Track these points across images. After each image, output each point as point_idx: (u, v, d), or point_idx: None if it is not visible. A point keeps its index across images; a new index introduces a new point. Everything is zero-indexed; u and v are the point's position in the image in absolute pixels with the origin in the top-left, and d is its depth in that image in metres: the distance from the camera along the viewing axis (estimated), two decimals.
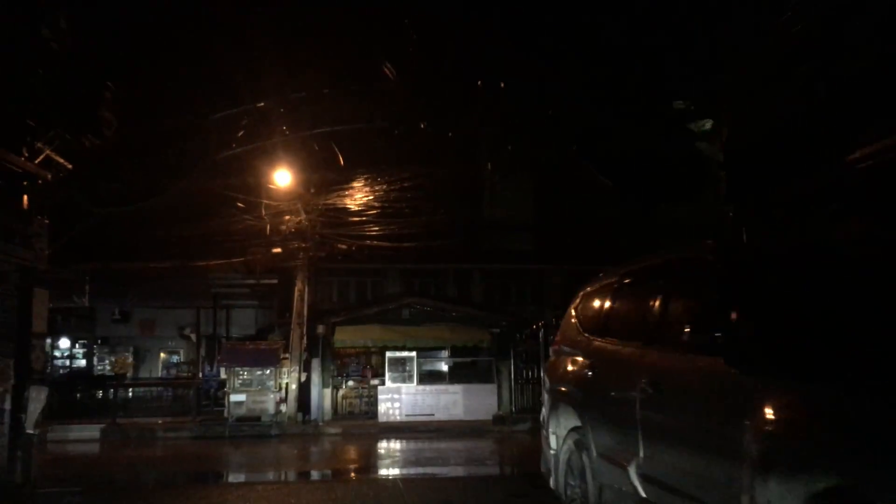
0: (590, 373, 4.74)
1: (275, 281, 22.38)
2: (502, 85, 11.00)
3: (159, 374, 26.74)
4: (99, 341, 26.89)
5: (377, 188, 18.61)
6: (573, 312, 5.69)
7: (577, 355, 5.17)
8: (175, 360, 28.12)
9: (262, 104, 12.55)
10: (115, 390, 19.86)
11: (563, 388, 5.28)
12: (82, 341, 26.12)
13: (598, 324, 5.00)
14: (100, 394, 20.81)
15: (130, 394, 20.32)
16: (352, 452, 16.20)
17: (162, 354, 28.56)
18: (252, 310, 26.58)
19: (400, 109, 12.77)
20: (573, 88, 11.24)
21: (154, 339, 27.05)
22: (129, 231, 19.11)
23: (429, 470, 13.28)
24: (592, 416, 4.57)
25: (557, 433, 5.30)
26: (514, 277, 28.39)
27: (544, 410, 5.84)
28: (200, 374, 21.64)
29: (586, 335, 5.15)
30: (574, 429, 4.98)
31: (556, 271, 28.59)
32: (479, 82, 11.07)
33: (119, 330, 25.75)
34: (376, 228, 18.89)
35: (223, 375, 19.62)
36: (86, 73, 10.97)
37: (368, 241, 19.11)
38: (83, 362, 26.44)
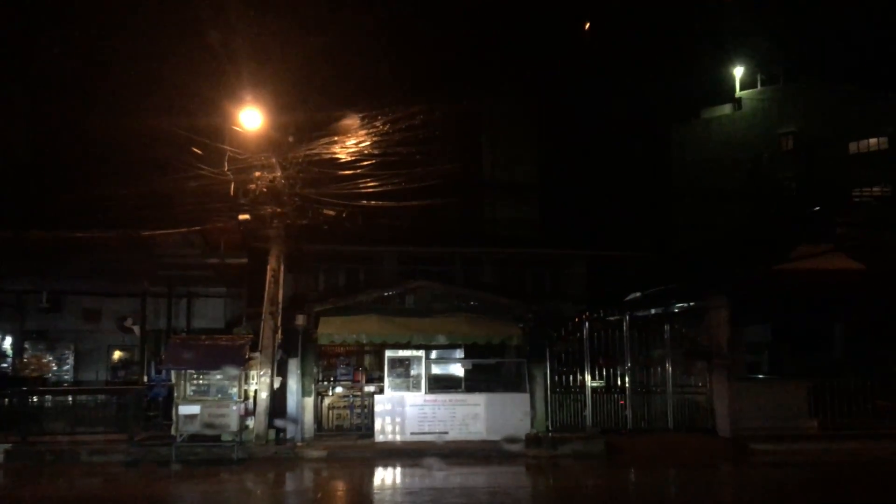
0: None
1: (244, 260, 17.73)
2: None
3: (106, 377, 21.99)
4: (35, 335, 22.05)
5: (371, 132, 14.03)
6: None
7: None
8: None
9: None
10: (26, 398, 15.16)
11: None
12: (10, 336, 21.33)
13: None
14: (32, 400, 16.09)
15: (50, 403, 15.57)
16: (339, 492, 11.61)
17: (117, 353, 23.80)
18: (220, 299, 21.89)
19: None
20: None
21: (101, 334, 22.23)
22: (47, 190, 14.48)
23: None
24: None
25: None
26: (528, 265, 24.25)
27: None
28: (146, 378, 17.01)
29: None
30: None
31: (577, 258, 24.58)
32: None
33: (54, 322, 20.96)
34: (372, 184, 14.26)
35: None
36: None
37: (364, 202, 14.47)
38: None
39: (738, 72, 39.49)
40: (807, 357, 19.25)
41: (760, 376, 18.02)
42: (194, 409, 14.29)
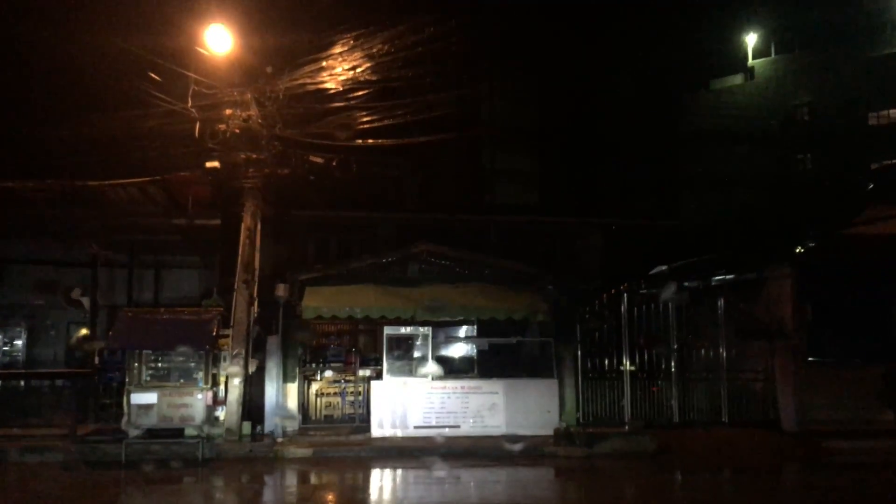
0: None
1: (216, 222, 15.05)
2: None
3: (64, 358, 19.30)
4: None
5: (366, 58, 11.34)
6: None
7: None
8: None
9: None
10: None
11: None
12: None
13: None
14: None
15: None
16: None
17: (83, 331, 21.05)
18: (194, 271, 19.11)
19: None
20: None
21: (60, 310, 19.43)
22: None
23: None
24: None
25: None
26: (539, 236, 21.78)
27: None
28: (96, 360, 14.38)
29: None
30: None
31: (592, 228, 22.08)
32: None
33: (3, 295, 18.21)
34: (368, 120, 11.58)
35: None
36: None
37: (360, 141, 11.78)
38: None
39: (751, 40, 36.95)
40: (855, 340, 16.77)
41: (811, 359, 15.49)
42: (150, 397, 11.71)
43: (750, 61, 37.09)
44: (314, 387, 13.83)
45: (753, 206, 23.00)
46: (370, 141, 11.81)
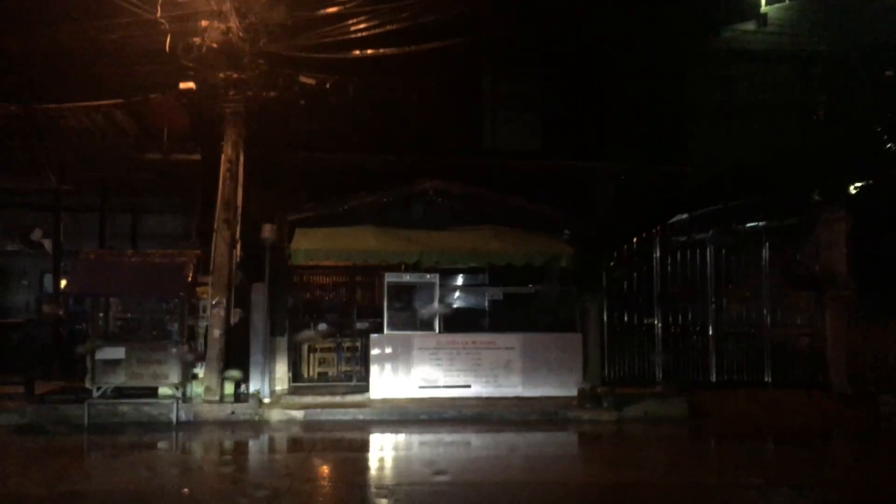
0: None
1: (196, 157, 13.36)
2: None
3: (36, 308, 17.84)
4: None
5: None
6: None
7: None
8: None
9: None
10: None
11: None
12: None
13: None
14: None
15: None
16: (313, 487, 7.51)
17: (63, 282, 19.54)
18: (176, 216, 17.51)
19: None
20: None
21: (34, 256, 17.88)
22: None
23: None
24: None
25: None
26: (545, 184, 20.11)
27: None
28: (61, 312, 12.88)
29: None
30: None
31: (607, 174, 20.42)
32: None
33: None
34: (364, 27, 9.88)
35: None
36: None
37: (357, 51, 10.06)
38: None
39: None
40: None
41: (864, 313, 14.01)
42: (118, 352, 10.18)
43: (763, 7, 35.11)
44: (306, 342, 12.36)
45: (773, 153, 21.39)
46: (369, 51, 10.09)
